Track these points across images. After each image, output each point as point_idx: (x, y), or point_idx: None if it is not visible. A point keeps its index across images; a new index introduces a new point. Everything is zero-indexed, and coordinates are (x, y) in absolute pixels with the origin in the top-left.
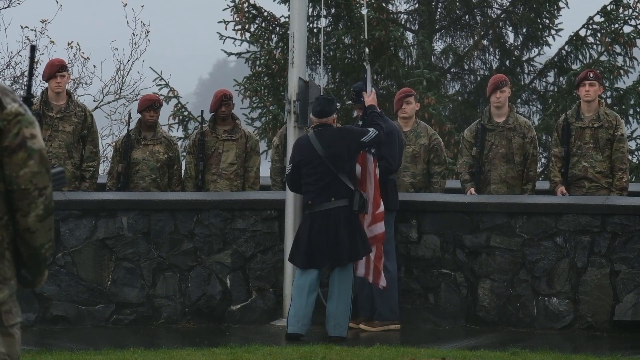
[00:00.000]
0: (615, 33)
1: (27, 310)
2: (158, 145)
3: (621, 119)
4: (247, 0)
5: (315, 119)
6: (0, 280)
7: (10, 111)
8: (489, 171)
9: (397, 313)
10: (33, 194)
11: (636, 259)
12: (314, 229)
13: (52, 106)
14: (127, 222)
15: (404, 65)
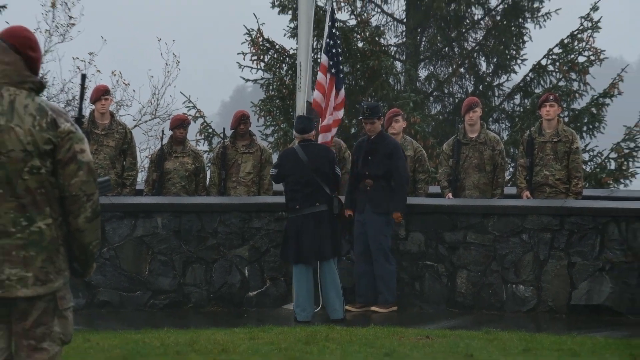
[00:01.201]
0: (571, 62)
1: (78, 296)
2: (187, 158)
3: (576, 135)
4: (262, 35)
5: (298, 135)
6: (56, 271)
7: (64, 130)
8: (464, 179)
9: (395, 298)
10: (82, 199)
11: (589, 252)
12: (301, 229)
13: (98, 125)
14: (161, 222)
15: (393, 89)
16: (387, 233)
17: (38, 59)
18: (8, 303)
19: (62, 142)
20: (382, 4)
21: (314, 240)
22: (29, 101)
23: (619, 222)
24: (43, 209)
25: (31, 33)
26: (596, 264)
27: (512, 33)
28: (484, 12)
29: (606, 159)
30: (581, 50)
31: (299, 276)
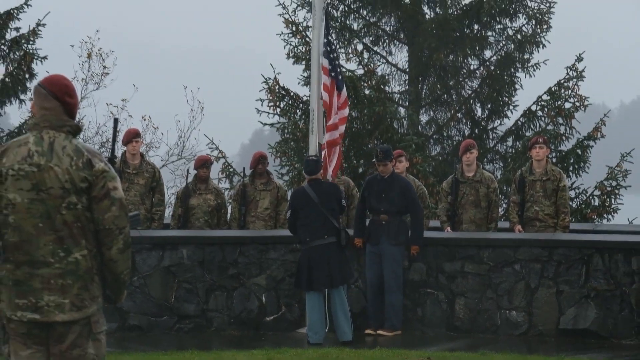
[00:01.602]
0: (558, 108)
1: (110, 321)
2: (209, 194)
3: (563, 174)
4: (278, 83)
5: (307, 176)
6: (91, 298)
7: (98, 169)
8: (461, 214)
9: (401, 324)
10: (115, 232)
11: (576, 281)
12: (312, 260)
13: (129, 164)
14: (186, 253)
15: (397, 132)
16: (401, 264)
17: (75, 104)
18: (46, 327)
19: (96, 180)
20: (387, 55)
21: (324, 269)
22: (67, 143)
23: (603, 253)
24: (79, 241)
25: (69, 81)
26: (582, 292)
27: (505, 82)
28: (479, 62)
29: (590, 196)
30: (567, 97)
31: (311, 302)
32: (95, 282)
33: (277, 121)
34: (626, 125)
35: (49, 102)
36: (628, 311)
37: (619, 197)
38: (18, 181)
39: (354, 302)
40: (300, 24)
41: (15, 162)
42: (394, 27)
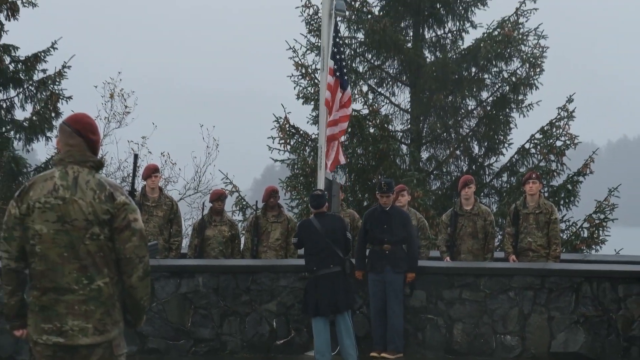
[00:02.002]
0: (550, 146)
1: (130, 344)
2: (224, 226)
3: (555, 207)
4: (288, 122)
5: (313, 210)
6: (112, 323)
7: (120, 202)
8: (460, 245)
9: (403, 347)
10: (135, 261)
11: (566, 307)
12: (318, 287)
13: (149, 198)
14: (202, 281)
15: (399, 168)
16: (402, 290)
17: (97, 141)
18: (71, 350)
19: (118, 212)
20: (390, 96)
21: (330, 296)
22: (90, 177)
23: (591, 282)
24: (102, 269)
25: (92, 119)
26: (572, 318)
27: (500, 121)
28: (476, 103)
29: (580, 228)
30: (558, 136)
31: (318, 327)
32: (117, 308)
33: (288, 157)
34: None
35: (73, 139)
36: (615, 336)
37: (606, 230)
38: (44, 213)
39: (359, 327)
40: (309, 67)
41: (41, 195)
42: (397, 70)
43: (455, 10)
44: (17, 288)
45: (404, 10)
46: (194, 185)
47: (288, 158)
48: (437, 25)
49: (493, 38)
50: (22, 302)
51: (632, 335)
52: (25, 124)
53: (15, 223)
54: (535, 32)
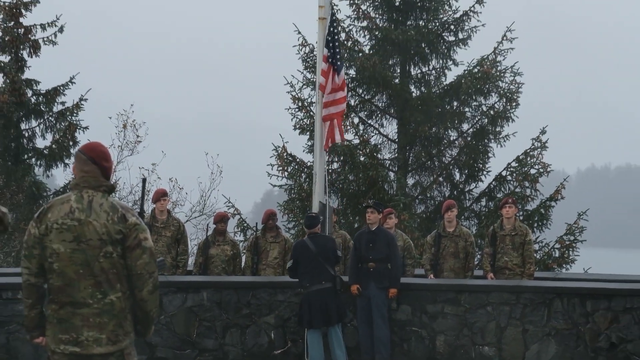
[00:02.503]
0: (525, 174)
1: (140, 353)
2: (226, 246)
3: (529, 230)
4: (286, 151)
5: (307, 230)
6: (124, 333)
7: (131, 222)
8: (442, 263)
9: (390, 356)
10: (145, 276)
11: (539, 321)
12: (311, 302)
13: (157, 219)
14: (206, 296)
15: (387, 193)
16: (386, 304)
17: (110, 168)
18: (86, 358)
19: (130, 232)
20: (379, 127)
21: (322, 310)
22: (103, 200)
23: (562, 298)
24: (114, 284)
25: (105, 148)
26: (544, 330)
27: (480, 150)
28: (457, 134)
29: (552, 248)
30: (532, 165)
31: (311, 338)
32: (128, 320)
33: (285, 183)
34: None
35: (88, 165)
36: (583, 347)
37: (576, 250)
38: (61, 233)
39: (350, 338)
40: (305, 100)
41: (59, 217)
42: (385, 104)
43: (438, 49)
44: (37, 301)
45: (392, 49)
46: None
47: (285, 184)
48: (422, 63)
49: (473, 75)
50: (41, 314)
51: (599, 346)
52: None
53: (35, 242)
54: (512, 69)
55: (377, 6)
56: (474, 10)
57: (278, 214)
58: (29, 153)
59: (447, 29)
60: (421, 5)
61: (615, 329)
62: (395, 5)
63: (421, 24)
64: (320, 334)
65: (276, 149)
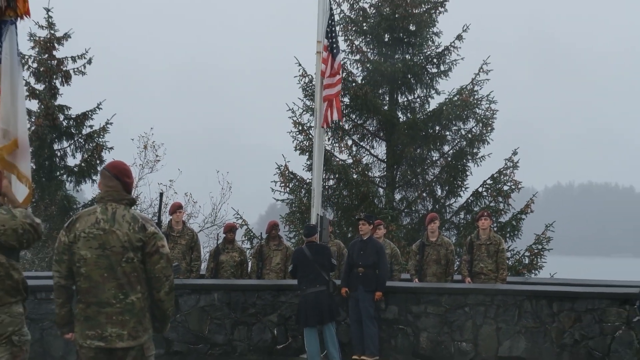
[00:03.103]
0: (498, 190)
1: (158, 347)
2: (235, 253)
3: (502, 239)
4: (287, 169)
5: (305, 238)
6: (143, 330)
7: (150, 231)
8: (426, 269)
9: (378, 351)
10: (163, 279)
11: (511, 320)
12: (307, 304)
13: (174, 229)
14: (217, 297)
15: (377, 207)
16: (373, 305)
17: (131, 183)
18: (109, 352)
19: (149, 240)
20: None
21: (316, 310)
22: (125, 212)
23: (531, 299)
24: (135, 286)
25: (127, 166)
26: (515, 328)
27: (459, 170)
28: (439, 155)
29: (522, 256)
30: (505, 182)
31: (308, 335)
32: (147, 318)
33: (287, 198)
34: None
35: (111, 181)
36: (549, 343)
37: (543, 258)
38: (88, 241)
39: (343, 335)
40: (305, 125)
41: (86, 227)
42: (375, 128)
43: (423, 80)
44: (66, 301)
45: (381, 80)
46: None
47: (287, 198)
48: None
49: (453, 102)
50: (70, 312)
51: (564, 342)
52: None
53: (65, 249)
54: (487, 98)
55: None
56: (454, 45)
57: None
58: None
59: (430, 62)
60: (407, 41)
61: (578, 327)
62: (384, 40)
63: (407, 57)
64: (316, 331)
65: (279, 168)
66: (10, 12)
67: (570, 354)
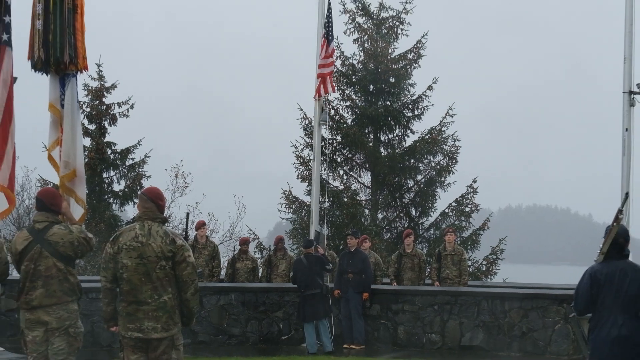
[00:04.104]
0: (461, 211)
1: (186, 337)
2: (248, 261)
3: (464, 251)
4: (291, 194)
5: (304, 249)
6: (174, 323)
7: (178, 244)
8: (403, 275)
9: (364, 340)
10: (189, 283)
11: (471, 316)
12: (306, 303)
13: (199, 242)
14: (234, 297)
15: (363, 224)
16: (360, 304)
17: (164, 205)
18: (146, 342)
19: (177, 251)
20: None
21: (313, 308)
22: (159, 229)
23: (487, 299)
24: (167, 288)
25: (160, 191)
26: (475, 323)
27: (429, 194)
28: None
29: (480, 264)
30: (467, 204)
31: (307, 328)
32: (176, 314)
33: (290, 217)
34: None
35: (148, 203)
36: (502, 335)
37: (497, 265)
38: (129, 252)
39: (336, 328)
40: (305, 158)
41: (127, 240)
42: (362, 160)
43: (400, 122)
44: (111, 301)
45: (367, 122)
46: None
47: (291, 217)
48: (389, 132)
49: (425, 140)
50: (115, 310)
51: (514, 334)
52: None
53: (110, 258)
54: (452, 136)
55: (356, 91)
56: (425, 94)
57: (285, 238)
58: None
59: (406, 108)
60: (388, 90)
61: (525, 322)
62: (369, 90)
63: (388, 103)
64: (313, 325)
65: (284, 193)
66: (72, 67)
67: (519, 343)
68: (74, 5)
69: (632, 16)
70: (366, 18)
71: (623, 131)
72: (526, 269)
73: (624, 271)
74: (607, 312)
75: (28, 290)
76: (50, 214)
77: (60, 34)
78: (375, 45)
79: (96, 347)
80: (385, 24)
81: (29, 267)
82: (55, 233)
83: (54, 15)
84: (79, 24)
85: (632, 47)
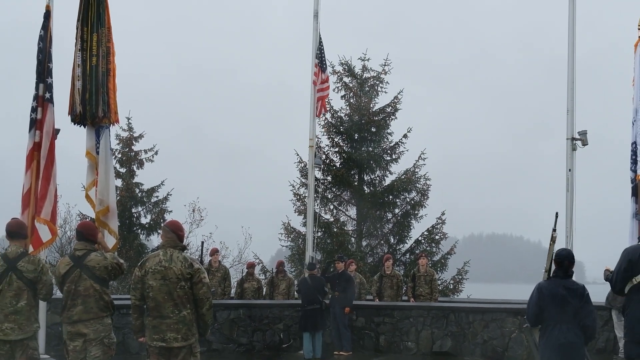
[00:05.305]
0: (432, 239)
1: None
2: (254, 282)
3: (435, 272)
4: (290, 225)
5: (308, 271)
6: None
7: (196, 268)
8: (383, 293)
9: (351, 348)
10: (204, 300)
11: (441, 326)
12: (306, 316)
13: (212, 266)
14: (242, 312)
15: (350, 250)
16: (346, 317)
17: (183, 235)
18: (168, 350)
19: (195, 274)
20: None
21: (312, 321)
22: (179, 255)
23: (454, 312)
24: (186, 305)
25: (180, 223)
26: (444, 332)
27: (405, 225)
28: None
29: (448, 283)
30: (437, 233)
31: (305, 338)
32: (194, 326)
33: (289, 244)
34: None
35: (169, 234)
36: (467, 342)
37: (462, 284)
38: (154, 275)
39: (328, 337)
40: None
41: (152, 265)
42: (349, 197)
43: (381, 165)
44: (139, 315)
45: (353, 164)
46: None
47: (289, 245)
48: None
49: (401, 180)
50: (142, 323)
51: (477, 342)
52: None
53: (138, 280)
54: (424, 177)
55: (344, 139)
56: (402, 141)
57: (285, 263)
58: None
59: (386, 152)
60: (370, 138)
61: (487, 331)
62: (355, 138)
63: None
64: (310, 335)
65: (284, 224)
66: (105, 120)
67: (481, 349)
68: (107, 69)
69: (573, 74)
70: (351, 78)
71: (567, 171)
72: (487, 287)
73: (566, 287)
74: (554, 322)
75: (69, 307)
76: (88, 243)
77: (96, 92)
78: (359, 100)
79: (127, 355)
80: (368, 82)
81: (70, 287)
82: (92, 259)
83: (91, 77)
84: (112, 84)
85: (574, 101)
